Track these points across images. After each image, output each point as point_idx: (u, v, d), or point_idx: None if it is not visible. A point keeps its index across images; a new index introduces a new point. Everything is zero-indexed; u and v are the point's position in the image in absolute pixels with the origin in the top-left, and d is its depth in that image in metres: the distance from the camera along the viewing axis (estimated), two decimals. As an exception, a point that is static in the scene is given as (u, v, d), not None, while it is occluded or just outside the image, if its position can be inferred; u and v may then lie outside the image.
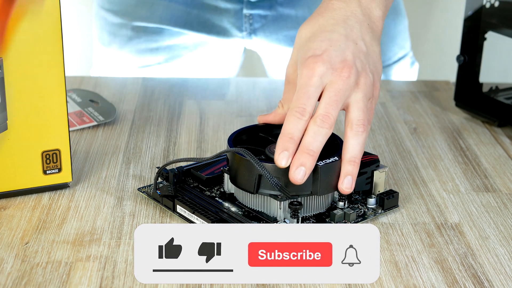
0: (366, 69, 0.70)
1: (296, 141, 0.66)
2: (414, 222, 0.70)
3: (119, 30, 1.11)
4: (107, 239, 0.66)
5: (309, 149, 0.65)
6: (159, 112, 0.94)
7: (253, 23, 1.08)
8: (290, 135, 0.66)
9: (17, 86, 0.69)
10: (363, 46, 0.71)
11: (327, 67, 0.68)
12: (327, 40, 0.70)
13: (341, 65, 0.69)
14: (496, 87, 0.93)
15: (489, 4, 0.89)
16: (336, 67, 0.68)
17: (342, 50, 0.70)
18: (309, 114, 0.67)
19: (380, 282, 0.61)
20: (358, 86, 0.69)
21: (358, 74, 0.69)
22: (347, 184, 0.67)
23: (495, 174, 0.80)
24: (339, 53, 0.69)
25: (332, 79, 0.68)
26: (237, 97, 0.99)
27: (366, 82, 0.69)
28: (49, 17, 0.68)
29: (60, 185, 0.74)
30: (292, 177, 0.65)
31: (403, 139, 0.88)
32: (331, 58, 0.69)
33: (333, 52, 0.69)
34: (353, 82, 0.69)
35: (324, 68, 0.68)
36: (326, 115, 0.67)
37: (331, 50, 0.69)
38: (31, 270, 0.62)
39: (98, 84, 1.02)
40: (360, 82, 0.69)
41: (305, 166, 0.65)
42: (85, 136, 0.86)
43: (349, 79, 0.68)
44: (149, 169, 0.79)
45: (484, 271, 0.64)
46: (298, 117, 0.66)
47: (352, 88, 0.69)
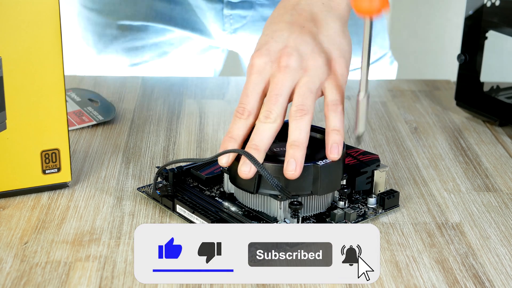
0: (314, 51, 0.69)
1: (236, 140, 0.67)
2: (414, 222, 0.70)
3: (104, 29, 1.10)
4: (107, 239, 0.66)
5: (254, 144, 0.66)
6: (159, 111, 0.93)
7: (233, 23, 1.08)
8: (229, 134, 0.68)
9: (16, 85, 0.69)
10: (312, 27, 0.70)
11: (265, 60, 0.68)
12: (271, 32, 0.70)
13: (279, 54, 0.68)
14: (497, 86, 0.93)
15: (490, 3, 0.88)
16: (274, 58, 0.68)
17: (283, 39, 0.69)
18: (248, 112, 0.68)
19: (381, 282, 0.61)
20: (306, 70, 0.68)
21: (303, 59, 0.68)
22: (290, 167, 0.65)
23: (496, 173, 0.80)
24: (280, 43, 0.69)
25: (272, 72, 0.68)
26: (237, 97, 0.99)
27: (315, 64, 0.68)
28: (48, 16, 0.68)
29: (59, 185, 0.73)
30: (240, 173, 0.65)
31: (403, 138, 0.88)
32: (270, 50, 0.69)
33: (273, 43, 0.69)
34: (295, 69, 0.68)
35: (262, 62, 0.68)
36: (268, 111, 0.67)
37: (272, 42, 0.69)
38: (30, 270, 0.62)
39: (98, 83, 1.02)
40: (308, 67, 0.68)
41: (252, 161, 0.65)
42: (85, 136, 0.86)
43: (288, 68, 0.68)
44: (149, 169, 0.79)
45: (485, 271, 0.63)
46: (238, 116, 0.68)
47: (298, 74, 0.68)
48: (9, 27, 0.67)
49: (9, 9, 0.67)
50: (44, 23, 0.68)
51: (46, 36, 0.68)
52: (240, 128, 0.68)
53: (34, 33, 0.68)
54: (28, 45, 0.68)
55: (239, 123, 0.68)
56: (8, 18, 0.67)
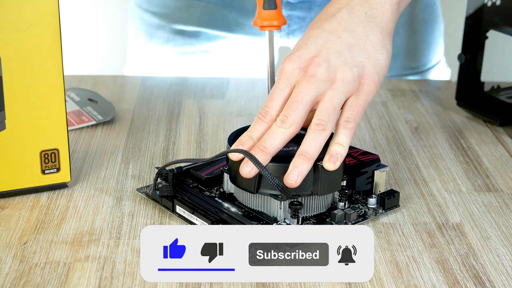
0: (346, 63, 0.68)
1: (254, 140, 0.67)
2: (415, 222, 0.70)
3: (157, 31, 1.09)
4: (106, 239, 0.66)
5: (263, 146, 0.66)
6: (158, 111, 0.93)
7: (291, 24, 1.06)
8: (249, 132, 0.67)
9: (16, 85, 0.69)
10: (349, 38, 0.69)
11: (294, 66, 0.68)
12: (306, 38, 0.69)
13: (308, 63, 0.68)
14: (497, 86, 0.93)
15: (491, 2, 0.88)
16: (303, 66, 0.68)
17: (317, 47, 0.68)
18: (270, 116, 0.67)
19: (381, 282, 0.61)
20: (333, 83, 0.67)
21: (332, 70, 0.67)
22: (292, 176, 0.64)
23: (496, 173, 0.80)
24: (312, 50, 0.68)
25: (298, 79, 0.67)
26: (237, 96, 0.99)
27: (344, 77, 0.67)
28: (48, 17, 0.68)
29: (59, 185, 0.73)
30: (241, 172, 0.65)
31: (404, 138, 0.88)
32: (301, 57, 0.68)
33: (305, 50, 0.68)
34: (322, 80, 0.67)
35: (291, 67, 0.67)
36: (285, 116, 0.66)
37: (304, 49, 0.68)
38: (29, 270, 0.62)
39: (97, 83, 1.02)
40: (336, 79, 0.67)
41: (257, 164, 0.64)
42: (84, 136, 0.86)
43: (314, 78, 0.67)
44: (148, 169, 0.79)
45: (485, 271, 0.63)
46: (260, 118, 0.68)
47: (324, 86, 0.67)
48: (9, 27, 0.67)
49: (9, 10, 0.67)
50: (44, 23, 0.68)
51: (46, 36, 0.68)
52: (260, 130, 0.67)
53: (34, 33, 0.68)
54: (28, 45, 0.68)
55: (260, 125, 0.67)
56: (8, 18, 0.67)
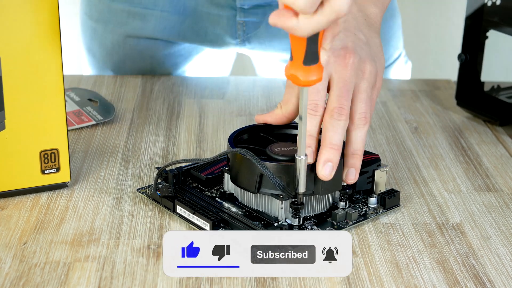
0: (368, 57, 0.69)
1: (315, 137, 0.67)
2: (415, 222, 0.70)
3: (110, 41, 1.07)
4: (106, 239, 0.66)
5: (332, 143, 0.66)
6: (158, 111, 0.93)
7: (246, 31, 1.06)
8: (309, 132, 0.67)
9: (15, 85, 0.69)
10: (362, 37, 0.71)
11: (328, 54, 0.68)
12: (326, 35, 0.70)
13: (343, 51, 0.68)
14: (497, 86, 0.93)
15: (491, 2, 0.88)
16: (338, 54, 0.68)
17: (342, 39, 0.69)
18: (321, 108, 0.67)
19: (381, 282, 0.61)
20: (364, 74, 0.69)
21: (362, 61, 0.69)
22: (351, 176, 0.68)
23: (496, 173, 0.80)
24: (339, 42, 0.69)
25: (336, 67, 0.68)
26: (237, 96, 0.99)
27: (372, 71, 0.69)
28: (48, 16, 0.68)
29: (59, 185, 0.73)
30: (319, 174, 0.66)
31: (404, 138, 0.88)
32: (332, 46, 0.68)
33: (334, 41, 0.68)
34: (358, 68, 0.68)
35: (326, 56, 0.68)
36: (341, 107, 0.67)
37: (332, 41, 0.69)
38: (29, 270, 0.62)
39: (97, 83, 1.02)
40: (365, 70, 0.69)
41: (332, 161, 0.65)
42: (84, 136, 0.86)
43: (354, 65, 0.68)
44: (148, 169, 0.79)
45: (485, 271, 0.63)
46: (313, 114, 0.67)
47: (359, 76, 0.68)
48: (9, 27, 0.67)
49: (9, 9, 0.67)
50: (44, 23, 0.68)
51: (45, 36, 0.68)
52: (316, 125, 0.67)
53: (34, 33, 0.68)
54: (28, 45, 0.68)
55: (314, 120, 0.67)
56: (8, 18, 0.67)
